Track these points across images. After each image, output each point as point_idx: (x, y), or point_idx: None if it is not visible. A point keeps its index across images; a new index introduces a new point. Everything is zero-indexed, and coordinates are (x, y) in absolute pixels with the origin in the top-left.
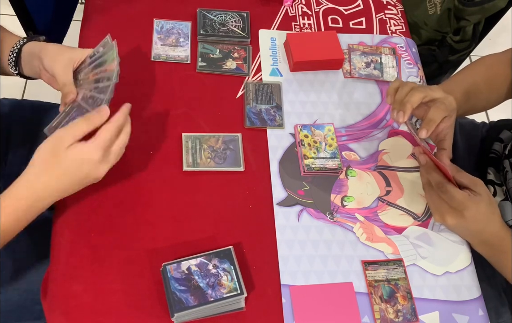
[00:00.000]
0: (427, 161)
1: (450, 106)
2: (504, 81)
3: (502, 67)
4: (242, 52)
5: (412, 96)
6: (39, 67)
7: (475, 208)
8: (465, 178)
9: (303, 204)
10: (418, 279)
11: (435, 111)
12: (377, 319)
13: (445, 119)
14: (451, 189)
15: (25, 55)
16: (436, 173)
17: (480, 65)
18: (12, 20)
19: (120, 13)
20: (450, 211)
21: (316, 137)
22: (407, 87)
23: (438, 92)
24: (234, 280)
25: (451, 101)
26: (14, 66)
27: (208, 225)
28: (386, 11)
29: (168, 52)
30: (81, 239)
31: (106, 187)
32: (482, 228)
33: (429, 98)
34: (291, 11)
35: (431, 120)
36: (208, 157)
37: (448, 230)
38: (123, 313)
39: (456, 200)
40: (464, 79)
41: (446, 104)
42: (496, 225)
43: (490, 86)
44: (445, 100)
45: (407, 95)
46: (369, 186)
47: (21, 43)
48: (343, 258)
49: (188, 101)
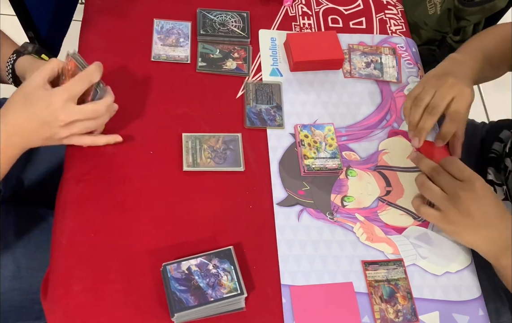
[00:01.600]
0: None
1: (467, 104)
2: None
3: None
4: (242, 52)
5: (426, 123)
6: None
7: (483, 182)
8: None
9: (303, 204)
10: (418, 279)
11: (451, 126)
12: (377, 319)
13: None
14: (457, 161)
15: (20, 70)
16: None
17: (493, 33)
18: (12, 20)
19: (120, 13)
20: (461, 185)
21: (316, 137)
22: (420, 109)
23: (450, 94)
24: (234, 280)
25: (466, 99)
26: (12, 80)
27: (208, 225)
28: (386, 11)
29: (168, 52)
30: (81, 239)
31: (106, 187)
32: (492, 208)
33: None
34: (291, 11)
35: (447, 133)
36: (208, 157)
37: None
38: (123, 313)
39: (466, 170)
40: (479, 47)
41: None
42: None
43: (503, 53)
44: (459, 103)
45: (421, 120)
46: (369, 186)
47: (14, 59)
48: (343, 258)
49: (188, 101)
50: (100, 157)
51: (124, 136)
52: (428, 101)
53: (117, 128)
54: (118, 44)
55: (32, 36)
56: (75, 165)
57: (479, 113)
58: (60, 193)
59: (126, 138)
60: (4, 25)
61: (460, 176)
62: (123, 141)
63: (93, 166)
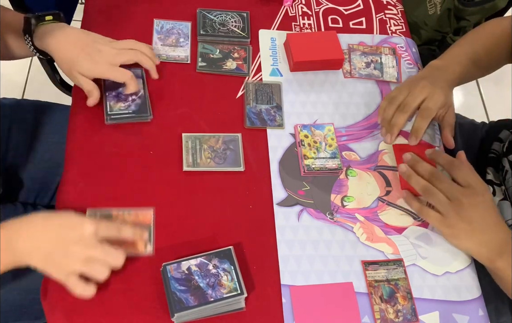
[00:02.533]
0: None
1: (437, 103)
2: (504, 47)
3: (503, 34)
4: (242, 52)
5: (397, 119)
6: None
7: (485, 188)
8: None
9: (303, 204)
10: (418, 279)
11: (420, 121)
12: (377, 319)
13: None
14: (463, 166)
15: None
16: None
17: (480, 33)
18: None
19: (120, 13)
20: (464, 191)
21: (316, 137)
22: (393, 107)
23: (422, 94)
24: (234, 280)
25: (437, 99)
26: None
27: (208, 225)
28: (386, 11)
29: (168, 52)
30: None
31: (107, 187)
32: (489, 214)
33: (413, 112)
34: (291, 11)
35: (418, 128)
36: (208, 157)
37: None
38: (123, 313)
39: (470, 177)
40: (463, 51)
41: (430, 107)
42: (502, 222)
43: (491, 54)
44: (429, 101)
45: (393, 117)
46: (369, 186)
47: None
48: (343, 258)
49: (188, 101)
50: (100, 157)
51: (124, 136)
52: (401, 100)
53: (117, 128)
54: None
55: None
56: (75, 165)
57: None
58: (60, 193)
59: (126, 138)
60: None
61: (464, 182)
62: (123, 140)
63: (93, 166)
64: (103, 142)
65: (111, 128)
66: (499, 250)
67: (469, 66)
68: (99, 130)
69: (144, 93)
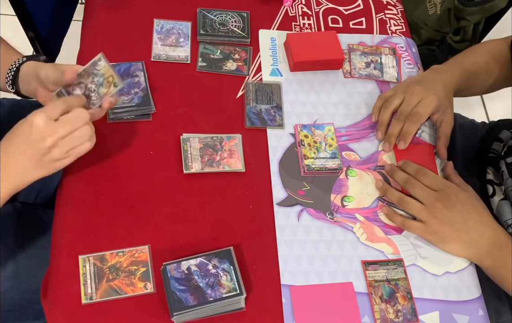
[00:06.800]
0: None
1: (428, 108)
2: (503, 66)
3: (502, 54)
4: (242, 54)
5: (394, 128)
6: (35, 86)
7: (456, 189)
8: (457, 179)
9: (303, 204)
10: (418, 279)
11: (409, 125)
12: (377, 319)
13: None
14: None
15: (23, 74)
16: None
17: (481, 49)
18: (12, 20)
19: (120, 13)
20: (436, 195)
21: (316, 137)
22: (388, 111)
23: (417, 101)
24: (234, 280)
25: (428, 103)
26: (12, 84)
27: (208, 225)
28: (386, 11)
29: (168, 52)
30: (81, 239)
31: (107, 188)
32: (470, 213)
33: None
34: (291, 11)
35: (406, 132)
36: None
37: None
38: (123, 313)
39: (437, 180)
40: (464, 60)
41: (420, 112)
42: (492, 221)
43: (490, 70)
44: (420, 106)
45: (390, 127)
46: (369, 186)
47: (20, 62)
48: (343, 258)
49: (188, 101)
50: (100, 157)
51: (124, 136)
52: (396, 104)
53: (117, 128)
54: (118, 44)
55: (32, 36)
56: (75, 165)
57: (479, 113)
58: (60, 193)
59: (126, 137)
60: (4, 25)
61: (433, 186)
62: (124, 140)
63: (93, 166)
64: (104, 142)
65: (111, 127)
66: (488, 249)
67: (469, 72)
68: (99, 130)
69: (146, 86)
